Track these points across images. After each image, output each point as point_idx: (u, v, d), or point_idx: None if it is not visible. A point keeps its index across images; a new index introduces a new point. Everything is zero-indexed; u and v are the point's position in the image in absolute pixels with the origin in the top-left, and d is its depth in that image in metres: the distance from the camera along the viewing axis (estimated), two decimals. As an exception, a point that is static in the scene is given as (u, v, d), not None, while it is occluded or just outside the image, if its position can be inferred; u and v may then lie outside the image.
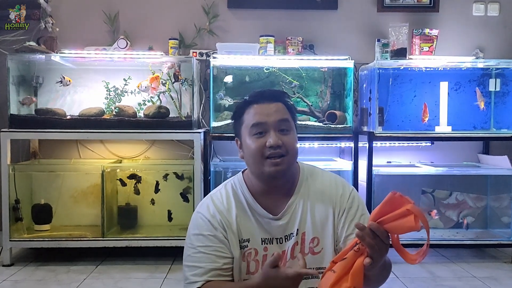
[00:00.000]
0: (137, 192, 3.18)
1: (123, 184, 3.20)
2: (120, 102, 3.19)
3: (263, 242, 1.40)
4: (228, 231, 1.38)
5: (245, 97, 1.45)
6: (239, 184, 1.45)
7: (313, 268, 1.39)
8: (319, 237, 1.40)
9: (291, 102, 1.45)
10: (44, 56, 3.09)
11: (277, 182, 1.39)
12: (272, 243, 1.40)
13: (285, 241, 1.40)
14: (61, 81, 3.05)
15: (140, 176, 3.18)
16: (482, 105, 3.26)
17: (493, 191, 3.35)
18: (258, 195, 1.42)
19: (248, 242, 1.39)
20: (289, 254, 1.39)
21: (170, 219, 3.19)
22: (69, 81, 3.08)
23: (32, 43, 3.06)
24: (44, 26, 3.23)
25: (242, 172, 1.48)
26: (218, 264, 1.34)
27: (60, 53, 3.12)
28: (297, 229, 1.39)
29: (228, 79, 3.18)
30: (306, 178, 1.45)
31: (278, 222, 1.40)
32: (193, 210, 2.92)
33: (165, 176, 3.17)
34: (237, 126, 1.42)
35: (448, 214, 3.34)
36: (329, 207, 1.41)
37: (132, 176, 3.17)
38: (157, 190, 3.19)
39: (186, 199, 3.14)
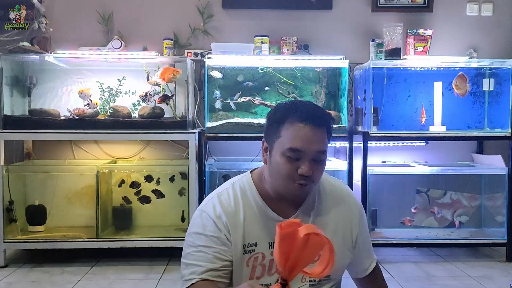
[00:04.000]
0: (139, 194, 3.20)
1: (128, 202, 3.20)
2: (114, 102, 3.18)
3: (270, 247, 1.36)
4: (233, 233, 1.34)
5: (290, 103, 1.36)
6: (248, 186, 1.40)
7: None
8: None
9: (332, 129, 1.38)
10: (37, 56, 3.07)
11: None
12: None
13: None
14: (88, 104, 3.04)
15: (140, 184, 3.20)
16: (457, 91, 3.17)
17: (487, 190, 3.37)
18: (269, 199, 1.38)
19: (255, 246, 1.35)
20: None
21: (183, 219, 3.15)
22: (96, 104, 3.06)
23: (26, 44, 3.04)
24: (37, 26, 3.20)
25: (251, 172, 1.43)
26: (217, 265, 1.31)
27: (54, 53, 3.11)
28: None
29: (216, 74, 3.17)
30: (318, 185, 1.42)
31: None
32: (188, 209, 2.94)
33: (157, 181, 3.17)
34: (271, 132, 1.33)
35: (443, 214, 3.35)
36: (339, 217, 1.42)
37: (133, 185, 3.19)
38: (160, 195, 3.17)
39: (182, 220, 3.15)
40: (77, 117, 2.97)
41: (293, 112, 1.31)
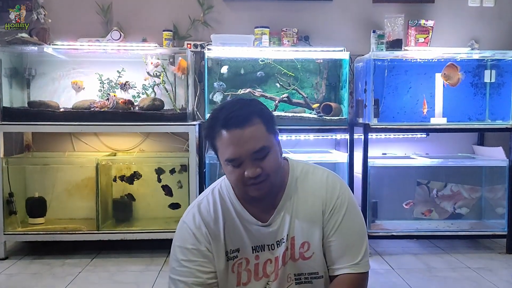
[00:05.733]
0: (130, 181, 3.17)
1: (133, 199, 3.20)
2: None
3: (254, 251, 1.36)
4: (214, 243, 1.34)
5: (215, 110, 1.32)
6: (226, 190, 1.39)
7: (305, 274, 1.36)
8: (309, 241, 1.34)
9: (267, 112, 1.32)
10: (36, 48, 3.05)
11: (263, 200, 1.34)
12: (264, 250, 1.36)
13: (277, 247, 1.36)
14: (107, 99, 3.03)
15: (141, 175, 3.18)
16: (448, 81, 3.13)
17: (488, 182, 3.36)
18: (246, 202, 1.36)
19: (238, 252, 1.35)
20: (281, 260, 1.35)
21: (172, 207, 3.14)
22: (115, 96, 3.05)
23: (24, 35, 3.01)
24: (36, 17, 3.18)
25: None
26: (201, 279, 1.31)
27: (52, 44, 3.08)
28: (287, 235, 1.34)
29: (224, 69, 3.16)
30: (295, 180, 1.38)
31: (268, 228, 1.35)
32: (188, 201, 2.94)
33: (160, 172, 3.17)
34: (212, 148, 1.34)
35: (443, 205, 3.35)
36: (318, 209, 1.35)
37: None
38: (168, 193, 3.15)
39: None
40: (100, 110, 2.95)
41: (217, 123, 1.28)
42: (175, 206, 3.12)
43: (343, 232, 1.34)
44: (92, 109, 2.96)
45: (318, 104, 3.20)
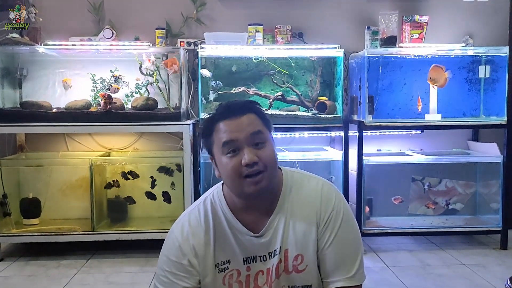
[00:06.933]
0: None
1: (132, 201, 3.18)
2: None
3: (245, 262, 1.34)
4: (202, 254, 1.32)
5: (212, 112, 1.36)
6: (218, 200, 1.37)
7: (299, 286, 1.35)
8: (303, 254, 1.32)
9: (264, 111, 1.35)
10: (28, 47, 3.02)
11: (259, 199, 1.31)
12: (256, 261, 1.34)
13: (269, 258, 1.34)
14: (109, 89, 3.02)
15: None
16: (435, 84, 3.14)
17: (482, 178, 3.37)
18: (238, 212, 1.34)
19: (229, 264, 1.33)
20: (274, 272, 1.33)
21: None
22: (117, 88, 3.04)
23: (15, 35, 2.98)
24: (27, 16, 3.14)
25: (222, 184, 1.39)
26: None
27: (44, 44, 3.05)
28: (280, 246, 1.32)
29: (206, 73, 3.13)
30: (289, 189, 1.36)
31: (260, 239, 1.33)
32: (183, 201, 2.92)
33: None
34: (209, 145, 1.34)
35: (438, 201, 3.36)
36: (312, 221, 1.33)
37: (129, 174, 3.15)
38: (153, 185, 3.14)
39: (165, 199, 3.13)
40: (105, 110, 2.94)
41: (214, 118, 1.32)
42: (151, 196, 3.12)
43: (338, 245, 1.32)
44: (98, 110, 2.96)
45: (325, 98, 3.18)
